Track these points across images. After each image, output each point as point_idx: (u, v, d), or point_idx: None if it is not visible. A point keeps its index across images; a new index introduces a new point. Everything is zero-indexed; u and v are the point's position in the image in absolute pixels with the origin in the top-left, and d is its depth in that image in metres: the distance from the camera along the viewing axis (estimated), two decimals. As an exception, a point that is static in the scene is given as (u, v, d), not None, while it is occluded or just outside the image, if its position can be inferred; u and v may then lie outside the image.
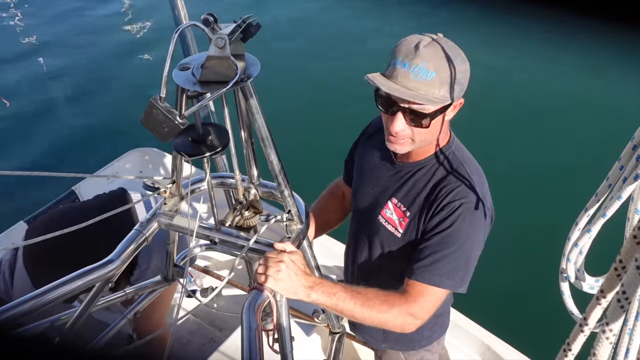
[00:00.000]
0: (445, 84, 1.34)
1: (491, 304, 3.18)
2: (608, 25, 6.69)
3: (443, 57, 1.34)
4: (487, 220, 1.50)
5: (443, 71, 1.33)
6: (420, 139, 1.45)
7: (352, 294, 1.41)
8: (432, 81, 1.33)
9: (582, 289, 1.25)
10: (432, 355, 1.94)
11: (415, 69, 1.32)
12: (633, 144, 0.93)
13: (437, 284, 1.45)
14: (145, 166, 3.43)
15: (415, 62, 1.32)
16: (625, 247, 0.68)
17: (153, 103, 1.19)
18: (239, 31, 1.23)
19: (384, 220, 1.62)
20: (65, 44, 7.81)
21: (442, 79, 1.33)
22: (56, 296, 1.39)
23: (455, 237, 1.45)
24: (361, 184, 1.73)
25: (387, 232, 1.62)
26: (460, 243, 1.45)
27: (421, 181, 1.54)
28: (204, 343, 2.95)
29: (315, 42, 7.47)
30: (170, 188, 1.57)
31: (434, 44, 1.35)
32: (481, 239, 1.50)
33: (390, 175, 1.62)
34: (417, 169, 1.56)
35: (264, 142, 1.39)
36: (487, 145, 4.79)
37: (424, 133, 1.43)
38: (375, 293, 1.44)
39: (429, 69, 1.32)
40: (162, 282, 2.00)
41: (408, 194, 1.56)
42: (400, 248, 1.60)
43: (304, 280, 1.37)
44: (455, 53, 1.37)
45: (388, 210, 1.60)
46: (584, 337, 0.75)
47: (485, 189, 1.52)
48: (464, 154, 1.57)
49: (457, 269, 1.46)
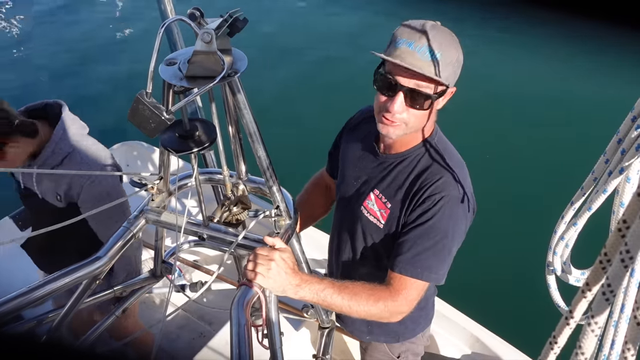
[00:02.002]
0: (449, 66, 1.35)
1: (479, 297, 3.20)
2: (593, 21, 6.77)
3: (447, 39, 1.35)
4: (468, 212, 1.51)
5: (447, 53, 1.34)
6: (413, 123, 1.45)
7: (340, 289, 1.43)
8: (439, 61, 1.33)
9: (569, 282, 1.26)
10: (417, 346, 1.96)
11: (422, 49, 1.32)
12: (618, 137, 0.94)
13: (419, 277, 1.47)
14: (132, 160, 3.41)
15: (421, 42, 1.32)
16: (610, 240, 0.68)
17: (139, 98, 1.17)
18: (225, 26, 1.22)
19: (366, 211, 1.63)
20: (49, 37, 7.72)
21: (447, 60, 1.34)
22: (43, 294, 1.38)
23: (437, 230, 1.46)
24: (345, 175, 1.74)
25: (370, 222, 1.62)
26: (442, 236, 1.46)
27: (403, 173, 1.55)
28: (193, 338, 2.95)
29: (304, 37, 7.45)
30: (157, 184, 1.56)
31: (437, 26, 1.36)
32: (462, 231, 1.51)
33: (373, 167, 1.63)
34: (399, 160, 1.56)
35: (252, 138, 1.38)
36: (475, 138, 4.82)
37: (418, 117, 1.43)
38: (361, 287, 1.46)
39: (435, 49, 1.32)
40: (150, 279, 1.99)
41: (390, 186, 1.57)
42: (382, 239, 1.62)
43: (292, 278, 1.38)
44: (454, 38, 1.39)
45: (370, 201, 1.61)
46: (569, 330, 0.75)
47: (467, 181, 1.53)
48: (447, 146, 1.58)
49: (438, 262, 1.48)
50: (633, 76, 5.54)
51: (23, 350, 0.46)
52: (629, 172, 0.91)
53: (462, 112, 5.28)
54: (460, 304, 2.48)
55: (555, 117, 5.56)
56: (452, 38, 1.38)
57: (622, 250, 0.65)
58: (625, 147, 0.90)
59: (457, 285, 1.57)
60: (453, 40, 1.38)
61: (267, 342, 1.45)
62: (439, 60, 1.33)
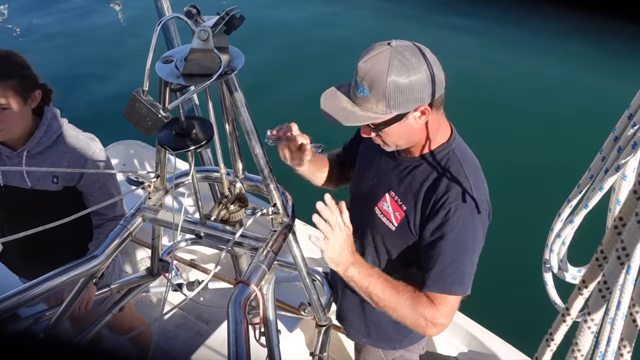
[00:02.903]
0: (382, 99, 1.35)
1: (475, 294, 3.20)
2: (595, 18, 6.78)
3: (378, 71, 1.34)
4: (484, 219, 1.52)
5: (376, 86, 1.35)
6: (392, 141, 1.48)
7: (385, 282, 1.47)
8: (368, 98, 1.37)
9: (565, 279, 1.26)
10: (412, 354, 1.95)
11: (357, 86, 1.39)
12: (614, 135, 0.94)
13: (448, 292, 1.48)
14: (128, 159, 3.40)
15: (357, 78, 1.38)
16: (606, 238, 0.68)
17: (136, 96, 1.17)
18: (222, 23, 1.21)
19: (380, 212, 1.62)
20: (44, 35, 7.70)
21: (377, 95, 1.35)
22: (40, 292, 1.38)
23: (457, 244, 1.47)
24: (363, 173, 1.74)
25: (382, 224, 1.62)
26: (463, 249, 1.48)
27: (419, 178, 1.54)
28: (190, 336, 2.95)
29: (306, 38, 7.45)
30: (154, 182, 1.55)
31: (378, 57, 1.34)
32: (481, 239, 1.53)
33: (390, 168, 1.62)
34: (416, 164, 1.56)
35: (249, 136, 1.38)
36: (470, 136, 4.82)
37: (390, 138, 1.47)
38: (404, 287, 1.49)
39: (365, 86, 1.36)
40: (147, 277, 1.99)
41: (406, 189, 1.56)
42: (394, 242, 1.62)
43: (350, 255, 1.45)
44: (398, 62, 1.33)
45: (385, 202, 1.61)
46: (566, 327, 0.75)
47: (483, 188, 1.53)
48: (465, 153, 1.57)
49: (464, 274, 1.49)
50: (630, 72, 5.55)
51: (21, 347, 0.46)
52: (625, 170, 0.91)
53: (458, 110, 5.29)
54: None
55: (552, 114, 5.57)
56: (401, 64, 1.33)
57: (618, 248, 0.65)
58: (621, 145, 0.90)
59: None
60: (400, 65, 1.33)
61: (265, 340, 1.46)
62: (369, 97, 1.37)
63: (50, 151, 1.96)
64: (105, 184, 2.04)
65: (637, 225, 0.62)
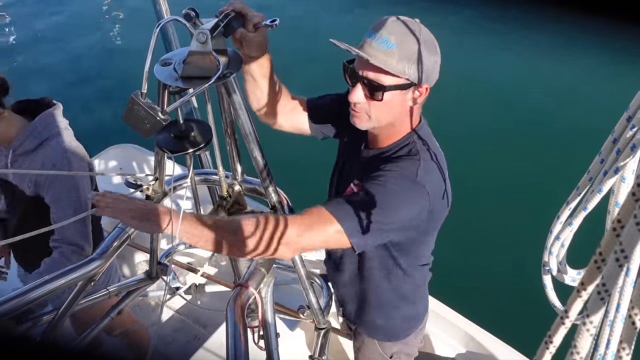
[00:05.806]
0: (405, 59, 1.35)
1: (475, 296, 3.21)
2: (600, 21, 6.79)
3: (409, 34, 1.35)
4: (423, 201, 1.41)
5: (405, 46, 1.34)
6: (377, 115, 1.43)
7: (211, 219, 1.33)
8: (392, 52, 1.34)
9: (564, 282, 1.26)
10: (410, 348, 1.94)
11: (379, 39, 1.34)
12: (613, 137, 0.94)
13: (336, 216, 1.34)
14: (126, 163, 3.39)
15: (380, 32, 1.34)
16: (605, 240, 0.68)
17: (134, 99, 1.17)
18: (220, 26, 1.22)
19: None
20: (41, 39, 7.70)
21: (402, 53, 1.34)
22: (38, 295, 1.38)
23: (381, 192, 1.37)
24: (338, 161, 1.75)
25: None
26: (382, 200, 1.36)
27: (380, 165, 1.49)
28: (188, 340, 2.94)
29: (302, 37, 7.45)
30: (153, 185, 1.55)
31: (405, 21, 1.36)
32: (406, 215, 1.42)
33: (359, 160, 1.62)
34: (380, 154, 1.55)
35: (248, 138, 1.38)
36: (468, 136, 4.83)
37: (380, 109, 1.41)
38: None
39: (391, 40, 1.33)
40: (145, 280, 1.99)
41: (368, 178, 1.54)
42: None
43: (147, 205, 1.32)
44: (426, 38, 1.38)
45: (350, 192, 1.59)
46: (565, 329, 0.75)
47: (435, 172, 1.46)
48: (430, 141, 1.53)
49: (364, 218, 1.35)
50: (629, 75, 5.56)
51: (19, 351, 0.45)
52: (624, 172, 0.91)
53: (456, 108, 5.31)
54: (456, 303, 2.48)
55: (551, 115, 5.58)
56: (424, 36, 1.37)
57: (617, 250, 0.65)
58: (620, 147, 0.90)
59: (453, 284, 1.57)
60: (424, 38, 1.36)
61: (263, 343, 1.45)
62: (393, 51, 1.33)
63: (29, 155, 1.97)
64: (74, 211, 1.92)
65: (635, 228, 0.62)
